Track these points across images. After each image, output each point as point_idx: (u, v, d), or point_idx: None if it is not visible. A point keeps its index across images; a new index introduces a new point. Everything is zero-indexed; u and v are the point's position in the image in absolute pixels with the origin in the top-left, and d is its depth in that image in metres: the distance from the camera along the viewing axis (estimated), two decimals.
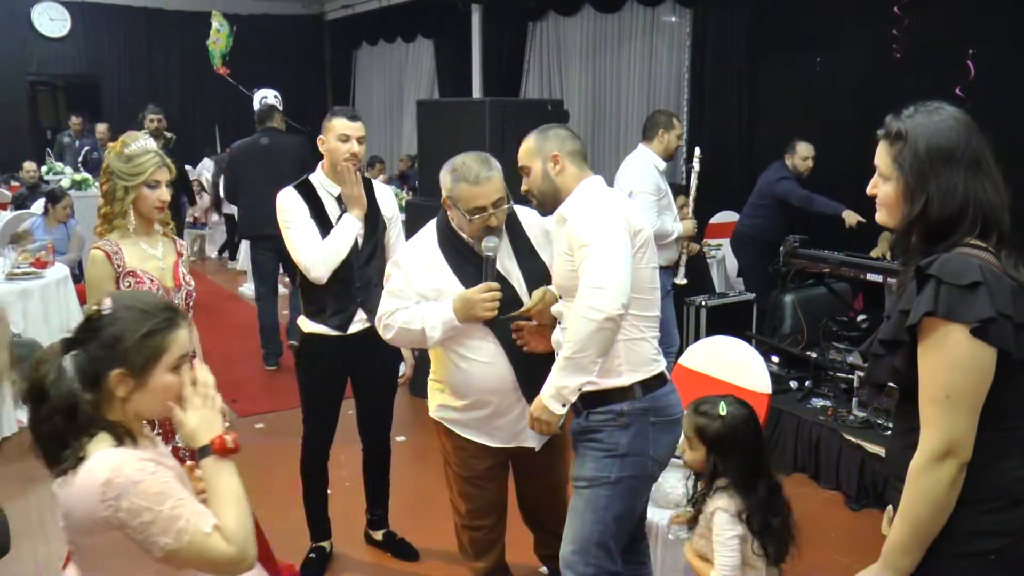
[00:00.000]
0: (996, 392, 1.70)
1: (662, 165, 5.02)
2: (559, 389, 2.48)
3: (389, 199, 3.62)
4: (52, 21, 13.03)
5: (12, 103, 12.61)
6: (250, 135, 6.47)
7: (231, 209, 8.96)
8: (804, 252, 5.37)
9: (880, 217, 1.89)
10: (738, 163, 7.63)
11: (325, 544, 3.74)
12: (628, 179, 4.95)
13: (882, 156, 1.88)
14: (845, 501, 4.35)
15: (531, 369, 2.77)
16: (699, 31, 8.07)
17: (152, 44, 13.84)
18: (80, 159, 9.79)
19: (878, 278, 5.02)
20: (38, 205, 7.67)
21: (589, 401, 2.58)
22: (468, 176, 2.77)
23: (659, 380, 2.64)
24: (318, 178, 3.42)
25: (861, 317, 5.32)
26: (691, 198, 5.27)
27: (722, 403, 2.56)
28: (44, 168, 9.32)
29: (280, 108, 6.68)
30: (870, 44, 6.37)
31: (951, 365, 1.68)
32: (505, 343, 2.81)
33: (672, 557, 3.01)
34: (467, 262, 2.84)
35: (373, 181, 3.63)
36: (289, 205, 3.37)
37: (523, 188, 2.74)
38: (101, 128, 10.14)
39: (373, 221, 3.46)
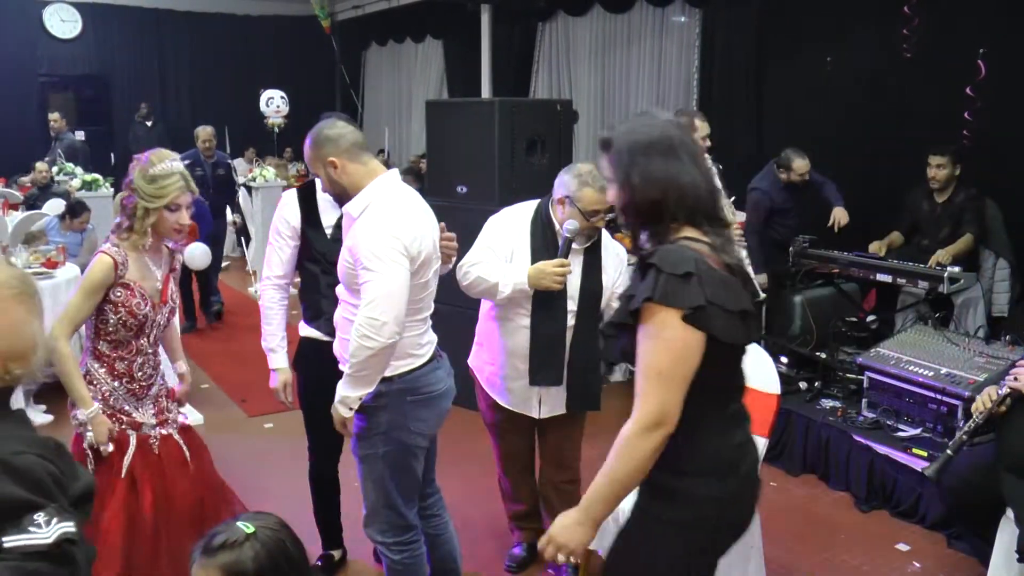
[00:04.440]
0: (707, 370, 1.88)
1: None
2: (344, 398, 2.71)
3: None
4: (63, 22, 13.10)
5: (24, 103, 12.67)
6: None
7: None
8: (813, 252, 5.37)
9: (619, 219, 2.06)
10: (747, 163, 7.59)
11: (335, 553, 3.68)
12: None
13: (604, 166, 2.05)
14: (854, 502, 4.34)
15: (540, 352, 3.29)
16: (708, 31, 8.05)
17: (162, 45, 13.90)
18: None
19: (888, 278, 5.01)
20: (49, 205, 7.70)
21: None
22: (594, 184, 3.15)
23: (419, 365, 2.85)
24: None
25: (871, 318, 5.31)
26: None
27: (239, 524, 1.73)
28: (55, 168, 9.35)
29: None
30: (880, 44, 6.35)
31: (665, 346, 1.85)
32: (533, 321, 3.28)
33: None
34: (546, 247, 3.26)
35: None
36: (284, 213, 3.34)
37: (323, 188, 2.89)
38: (206, 133, 8.11)
39: None
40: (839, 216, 5.68)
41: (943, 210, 5.34)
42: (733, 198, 4.89)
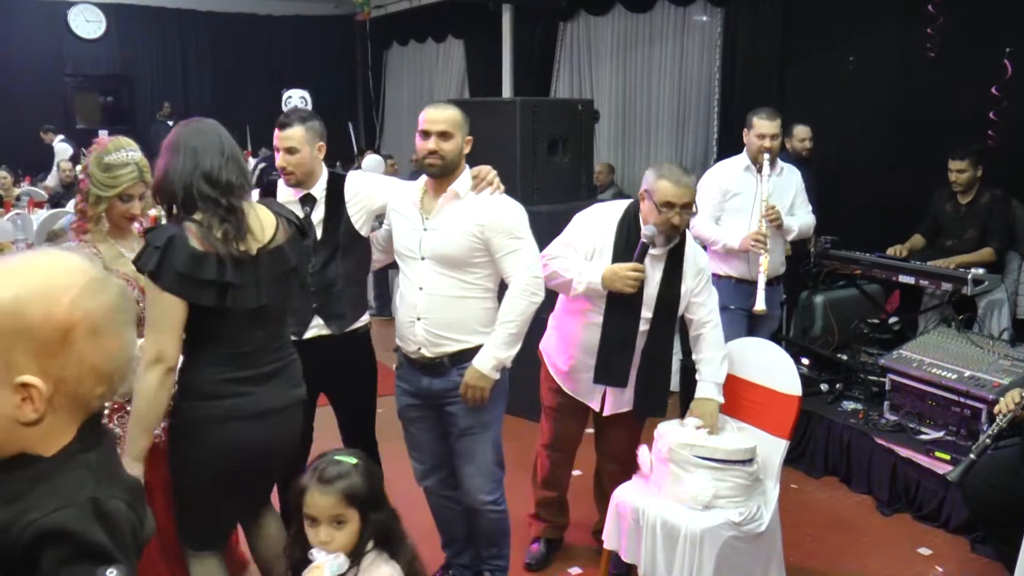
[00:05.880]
0: (206, 324, 2.43)
1: (743, 163, 4.61)
2: (502, 360, 2.97)
3: (366, 193, 3.33)
4: (88, 23, 13.23)
5: (49, 103, 12.82)
6: None
7: None
8: (835, 253, 5.33)
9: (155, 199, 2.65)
10: None
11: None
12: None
13: None
14: (876, 505, 4.31)
15: (608, 352, 3.30)
16: (730, 31, 8.01)
17: (185, 44, 14.01)
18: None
19: (911, 280, 4.96)
20: (73, 203, 7.76)
21: (462, 358, 3.00)
22: (670, 176, 3.19)
23: None
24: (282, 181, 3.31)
25: (893, 319, 5.26)
26: (758, 208, 4.50)
27: (341, 456, 2.24)
28: (79, 168, 9.43)
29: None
30: (903, 43, 6.30)
31: (149, 299, 2.38)
32: (605, 322, 3.29)
33: (698, 557, 2.99)
34: (629, 249, 3.24)
35: (350, 174, 3.41)
36: None
37: (432, 146, 2.98)
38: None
39: (335, 222, 3.26)
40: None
41: (967, 211, 5.28)
42: (809, 208, 4.68)
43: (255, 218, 2.53)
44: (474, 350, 2.99)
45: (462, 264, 2.97)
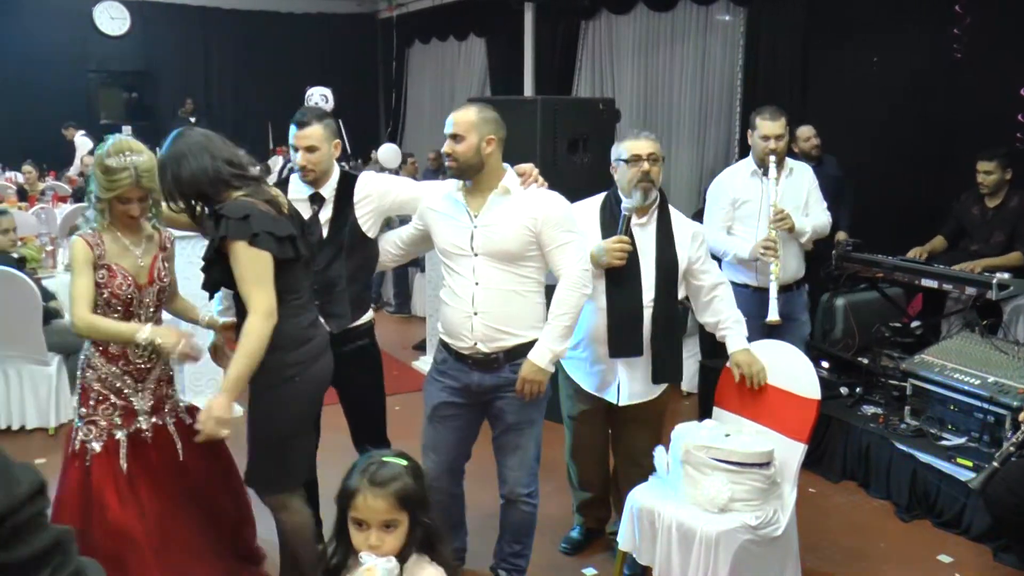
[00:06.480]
0: (283, 277, 2.73)
1: (749, 168, 4.45)
2: (557, 353, 3.04)
3: (377, 194, 3.31)
4: (113, 20, 13.35)
5: (74, 99, 12.93)
6: None
7: None
8: (857, 256, 5.27)
9: (171, 207, 2.87)
10: None
11: None
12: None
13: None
14: (895, 511, 4.26)
15: (618, 328, 3.34)
16: (753, 30, 7.96)
17: (208, 42, 14.09)
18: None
19: (933, 284, 4.90)
20: None
21: (517, 353, 3.05)
22: (629, 135, 3.45)
23: None
24: (295, 175, 3.30)
25: (915, 323, 5.20)
26: (767, 213, 4.31)
27: (388, 457, 2.15)
28: None
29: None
30: (929, 44, 6.23)
31: (248, 263, 2.66)
32: (608, 300, 3.35)
33: (713, 560, 2.97)
34: (613, 227, 3.38)
35: (362, 174, 3.41)
36: None
37: (446, 149, 3.07)
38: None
39: (341, 222, 3.24)
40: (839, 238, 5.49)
41: (995, 215, 5.22)
42: (824, 206, 4.57)
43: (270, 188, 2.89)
44: (527, 345, 3.03)
45: (517, 258, 3.04)
